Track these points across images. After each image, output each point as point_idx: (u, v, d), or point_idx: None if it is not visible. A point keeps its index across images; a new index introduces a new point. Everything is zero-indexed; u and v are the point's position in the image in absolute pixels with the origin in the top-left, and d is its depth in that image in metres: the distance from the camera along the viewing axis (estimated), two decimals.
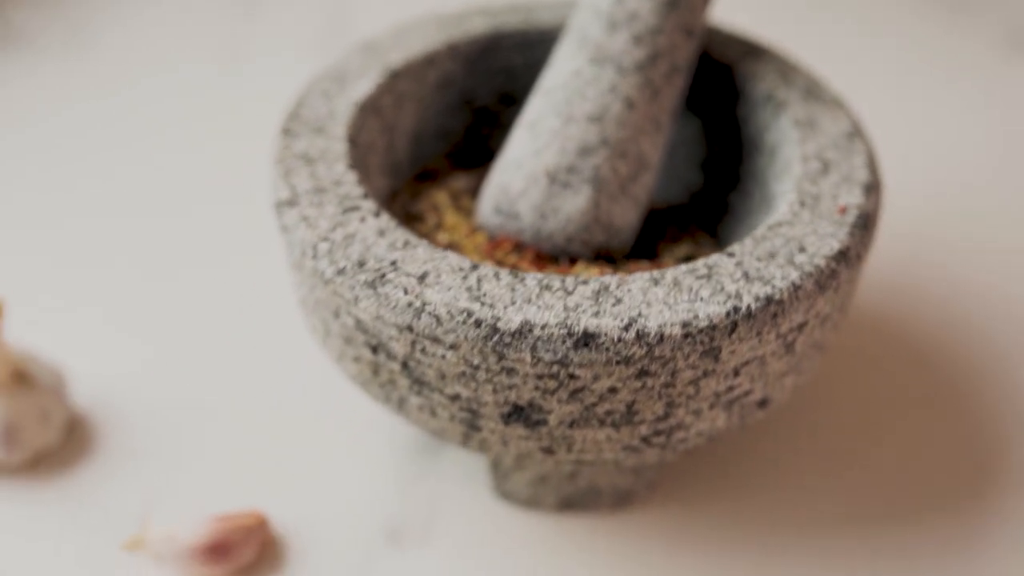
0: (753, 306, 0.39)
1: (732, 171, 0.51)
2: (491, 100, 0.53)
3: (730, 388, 0.41)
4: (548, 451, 0.42)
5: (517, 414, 0.40)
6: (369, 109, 0.48)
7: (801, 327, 0.41)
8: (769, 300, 0.39)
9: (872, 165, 0.45)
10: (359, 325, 0.41)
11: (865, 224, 0.43)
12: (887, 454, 0.50)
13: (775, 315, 0.39)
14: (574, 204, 0.45)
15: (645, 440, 0.41)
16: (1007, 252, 0.60)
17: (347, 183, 0.43)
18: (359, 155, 0.46)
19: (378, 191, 0.47)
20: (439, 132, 0.53)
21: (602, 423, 0.40)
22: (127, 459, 0.50)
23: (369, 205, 0.43)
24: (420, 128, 0.52)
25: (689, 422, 0.41)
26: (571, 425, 0.40)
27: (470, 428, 0.41)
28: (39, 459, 0.50)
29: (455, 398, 0.40)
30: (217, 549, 0.45)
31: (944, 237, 0.61)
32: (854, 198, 0.43)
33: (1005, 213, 0.62)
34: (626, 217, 0.46)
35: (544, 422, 0.40)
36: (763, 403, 0.43)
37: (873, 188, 0.44)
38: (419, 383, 0.41)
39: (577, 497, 0.47)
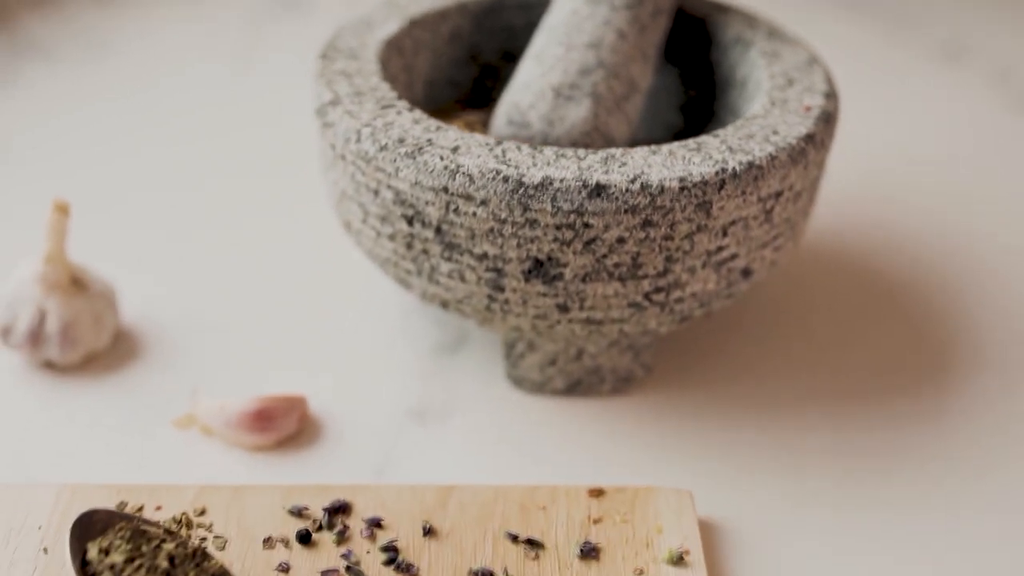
0: (737, 168, 0.46)
1: (708, 109, 0.58)
2: (495, 57, 0.61)
3: (719, 248, 0.47)
4: (563, 309, 0.48)
5: (537, 269, 0.46)
6: (393, 47, 0.55)
7: (778, 195, 0.47)
8: (751, 165, 0.46)
9: (830, 81, 0.53)
10: (397, 197, 0.47)
11: (827, 120, 0.50)
12: (855, 350, 0.57)
13: (756, 178, 0.46)
14: (577, 113, 0.52)
15: (647, 297, 0.47)
16: (935, 207, 0.69)
17: (382, 89, 0.50)
18: (387, 80, 0.53)
19: None
20: (449, 81, 0.60)
21: (611, 276, 0.46)
22: (173, 360, 0.55)
23: (403, 104, 0.49)
24: (434, 76, 0.59)
25: (685, 280, 0.47)
26: (584, 279, 0.47)
27: (494, 289, 0.47)
28: (91, 359, 0.55)
29: (482, 258, 0.46)
30: (262, 417, 0.50)
31: (890, 197, 0.70)
32: (816, 101, 0.51)
33: (934, 181, 0.72)
34: (620, 130, 0.53)
35: (560, 276, 0.46)
36: (746, 272, 0.49)
37: (832, 95, 0.51)
38: (450, 247, 0.47)
39: (582, 379, 0.53)
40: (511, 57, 0.61)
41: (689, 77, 0.59)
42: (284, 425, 0.51)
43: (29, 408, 0.53)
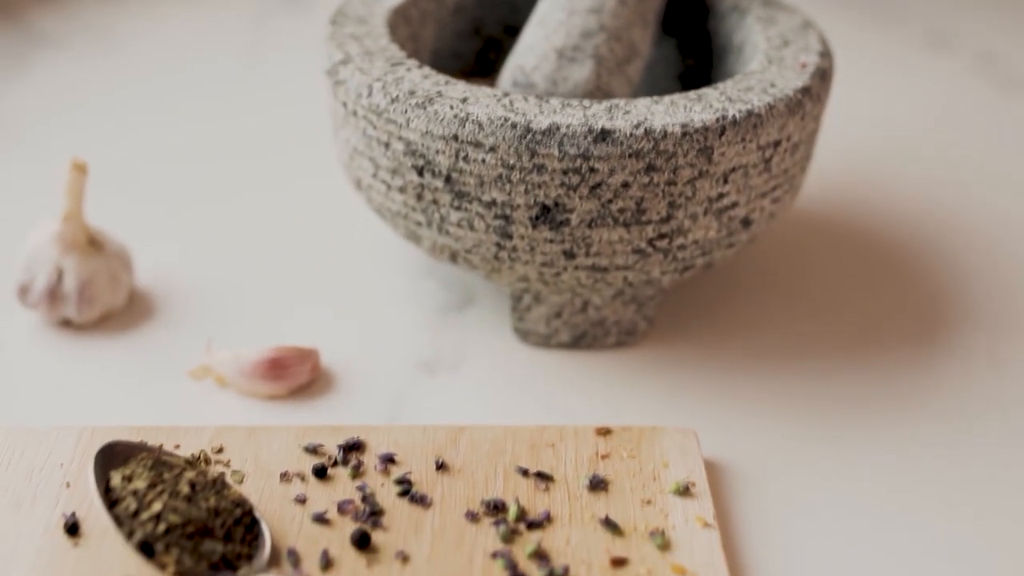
0: (737, 116, 0.47)
1: (706, 78, 0.60)
2: (497, 30, 0.63)
3: (720, 195, 0.49)
4: (569, 255, 0.49)
5: (544, 215, 0.48)
6: (400, 15, 0.57)
7: (776, 145, 0.49)
8: (750, 113, 0.48)
9: (824, 42, 0.54)
10: (408, 147, 0.48)
11: (823, 76, 0.52)
12: (849, 306, 0.59)
13: (755, 126, 0.48)
14: (580, 74, 0.54)
15: (651, 243, 0.49)
16: (924, 178, 0.71)
17: (391, 49, 0.52)
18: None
19: None
20: (454, 53, 0.62)
21: (616, 222, 0.48)
22: (187, 319, 0.56)
23: (412, 62, 0.51)
24: (439, 46, 0.61)
25: (687, 227, 0.49)
26: (590, 224, 0.48)
27: (502, 237, 0.49)
28: (107, 318, 0.56)
29: (491, 205, 0.48)
30: (276, 366, 0.51)
31: (881, 170, 0.72)
32: (812, 58, 0.52)
33: (923, 156, 0.74)
34: (622, 91, 0.55)
35: (567, 222, 0.48)
36: (746, 222, 0.51)
37: (826, 54, 0.53)
38: (460, 196, 0.48)
39: (587, 332, 0.54)
40: (513, 31, 0.63)
41: (687, 47, 0.61)
42: (297, 374, 0.52)
43: (47, 364, 0.54)
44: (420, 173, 0.49)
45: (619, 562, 0.42)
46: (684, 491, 0.45)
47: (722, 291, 0.60)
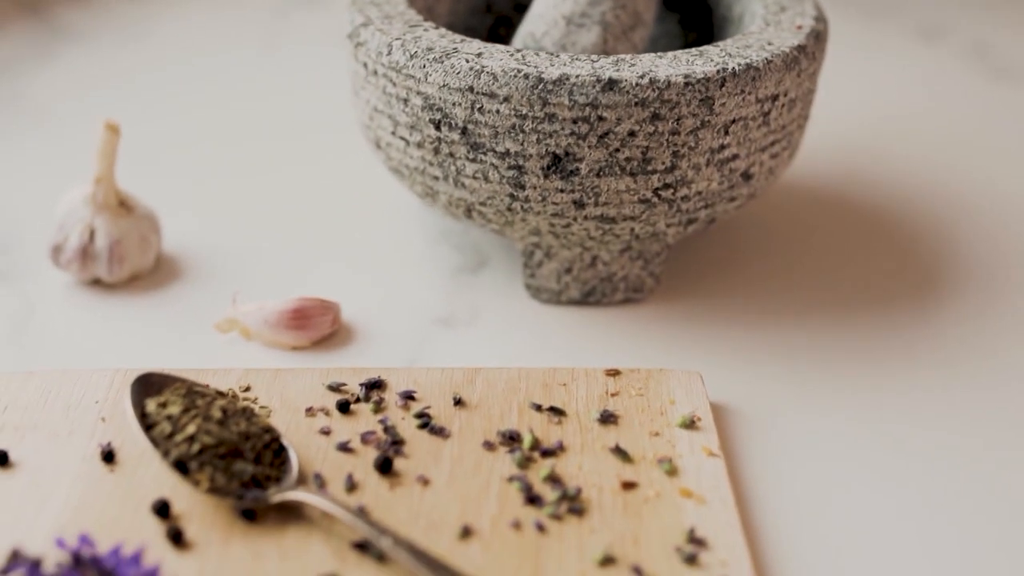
0: (736, 68, 0.50)
1: None
2: (508, 8, 0.65)
3: (722, 147, 0.51)
4: (579, 204, 0.51)
5: (555, 165, 0.50)
6: None
7: (774, 99, 0.52)
8: (749, 66, 0.50)
9: (819, 8, 0.57)
10: (426, 102, 0.51)
11: (817, 37, 0.54)
12: (848, 268, 0.61)
13: (753, 78, 0.50)
14: (588, 39, 0.56)
15: (656, 193, 0.51)
16: (920, 154, 0.74)
17: (409, 14, 0.55)
18: None
19: None
20: (466, 28, 0.64)
21: (623, 171, 0.50)
22: (213, 280, 0.59)
23: (429, 24, 0.54)
24: (452, 21, 0.63)
25: (690, 177, 0.51)
26: (598, 174, 0.50)
27: (516, 187, 0.51)
28: (136, 278, 0.58)
29: (505, 155, 0.50)
30: (299, 316, 0.53)
31: (879, 147, 0.74)
32: (807, 21, 0.55)
33: (918, 135, 0.77)
34: None
35: (577, 171, 0.50)
36: (747, 176, 0.53)
37: (821, 19, 0.56)
38: (475, 147, 0.51)
39: (596, 287, 0.56)
40: (522, 8, 0.65)
41: (688, 21, 0.64)
42: (319, 325, 0.54)
43: (79, 321, 0.56)
44: (437, 127, 0.52)
45: (629, 485, 0.44)
46: (690, 424, 0.48)
47: (726, 254, 0.62)
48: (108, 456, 0.45)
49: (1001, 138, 0.77)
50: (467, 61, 0.50)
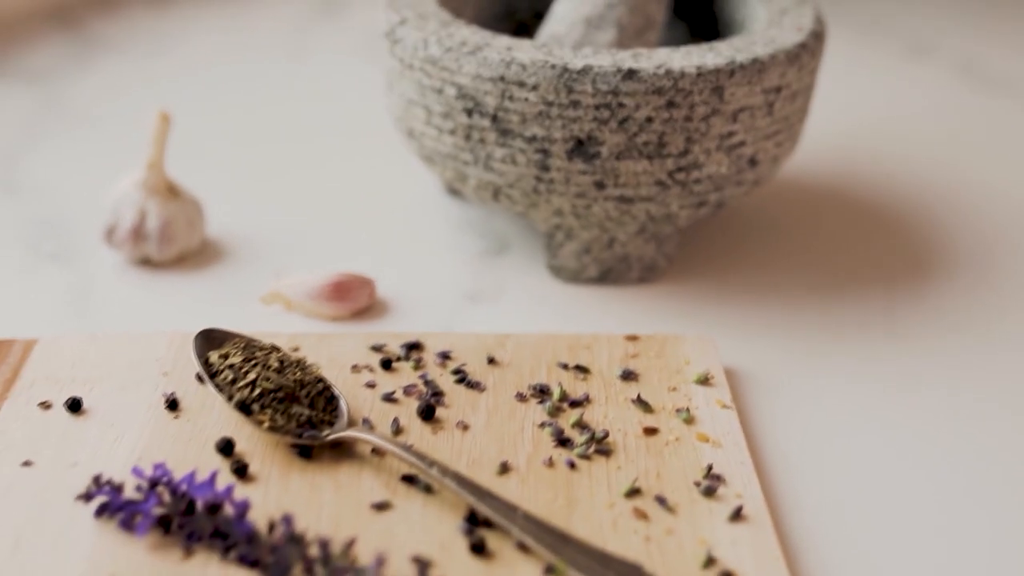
0: (744, 61, 0.55)
1: None
2: (528, 15, 0.70)
3: (730, 133, 0.56)
4: (600, 186, 0.56)
5: (578, 148, 0.55)
6: None
7: (778, 90, 0.56)
8: (755, 60, 0.55)
9: (818, 12, 0.62)
10: (460, 91, 0.55)
11: (817, 37, 0.59)
12: (846, 254, 0.66)
13: (760, 71, 0.55)
14: (604, 38, 0.61)
15: (671, 175, 0.56)
16: (911, 155, 0.79)
17: (442, 13, 0.59)
18: None
19: None
20: None
21: (641, 154, 0.55)
22: (256, 260, 0.63)
23: (461, 22, 0.58)
24: (477, 24, 0.68)
25: (702, 161, 0.56)
26: (618, 156, 0.55)
27: (541, 169, 0.56)
28: (183, 258, 0.63)
29: (532, 140, 0.55)
30: (339, 288, 0.58)
31: (873, 148, 0.79)
32: (807, 23, 0.60)
33: (909, 138, 0.82)
34: None
35: (598, 155, 0.55)
36: (753, 162, 0.58)
37: (820, 21, 0.61)
38: (504, 133, 0.55)
39: (613, 267, 0.61)
40: (540, 16, 0.70)
41: (696, 28, 0.69)
42: (358, 298, 0.58)
43: (132, 296, 0.60)
44: (469, 114, 0.56)
45: (651, 431, 0.49)
46: (704, 380, 0.52)
47: (734, 241, 0.67)
48: (172, 404, 0.49)
49: (985, 140, 0.82)
50: (498, 53, 0.55)
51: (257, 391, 0.47)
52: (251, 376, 0.47)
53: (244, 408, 0.46)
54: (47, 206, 0.69)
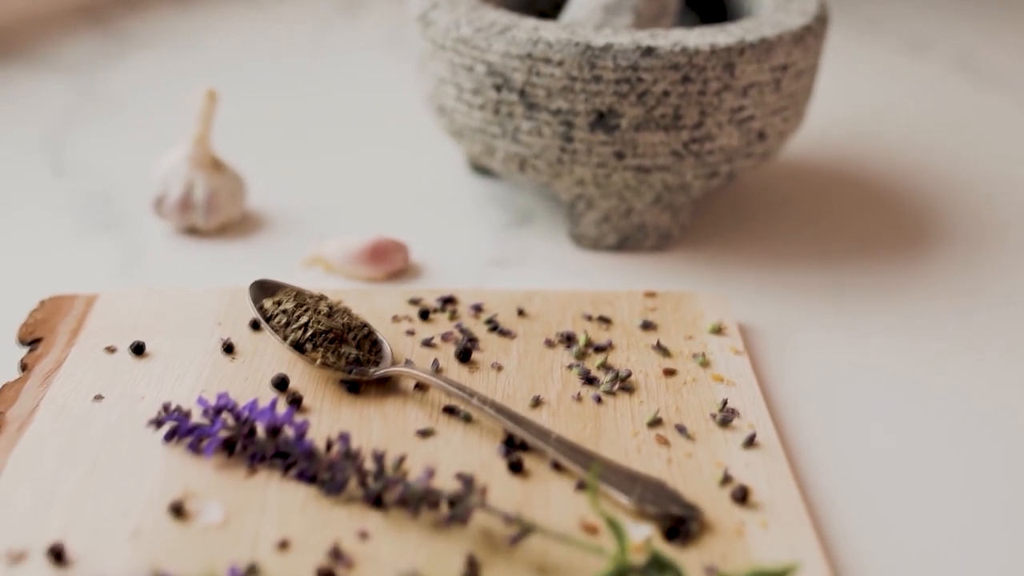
0: (753, 40, 0.59)
1: None
2: (548, 5, 0.75)
3: (741, 108, 0.60)
4: (619, 156, 0.60)
5: (599, 121, 0.59)
6: None
7: (784, 68, 0.61)
8: (763, 39, 0.60)
9: (821, 2, 0.66)
10: (489, 68, 0.60)
11: (821, 20, 0.64)
12: (849, 226, 0.70)
13: (767, 49, 0.59)
14: (622, 22, 0.66)
15: (685, 146, 0.60)
16: (910, 142, 0.84)
17: (472, 0, 0.64)
18: None
19: None
20: None
21: (657, 126, 0.59)
22: (295, 230, 0.67)
23: (489, 5, 0.63)
24: None
25: (714, 133, 0.60)
26: (637, 128, 0.59)
27: (565, 141, 0.60)
28: (226, 228, 0.67)
29: (557, 113, 0.59)
30: (377, 251, 0.62)
31: (874, 133, 0.84)
32: (811, 8, 0.64)
33: (908, 127, 0.87)
34: None
35: (618, 127, 0.59)
36: (761, 135, 0.62)
37: (823, 6, 0.65)
38: (531, 106, 0.60)
39: (630, 235, 0.65)
40: (559, 7, 0.75)
41: (707, 18, 0.73)
42: (394, 260, 0.62)
43: (181, 260, 0.65)
44: (498, 90, 0.60)
45: (670, 372, 0.53)
46: (718, 331, 0.56)
47: (744, 214, 0.71)
48: (228, 348, 0.53)
49: (978, 128, 0.87)
50: (526, 32, 0.59)
51: (309, 332, 0.51)
52: (303, 319, 0.51)
53: (298, 347, 0.50)
54: (94, 183, 0.73)
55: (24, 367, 0.53)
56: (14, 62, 0.92)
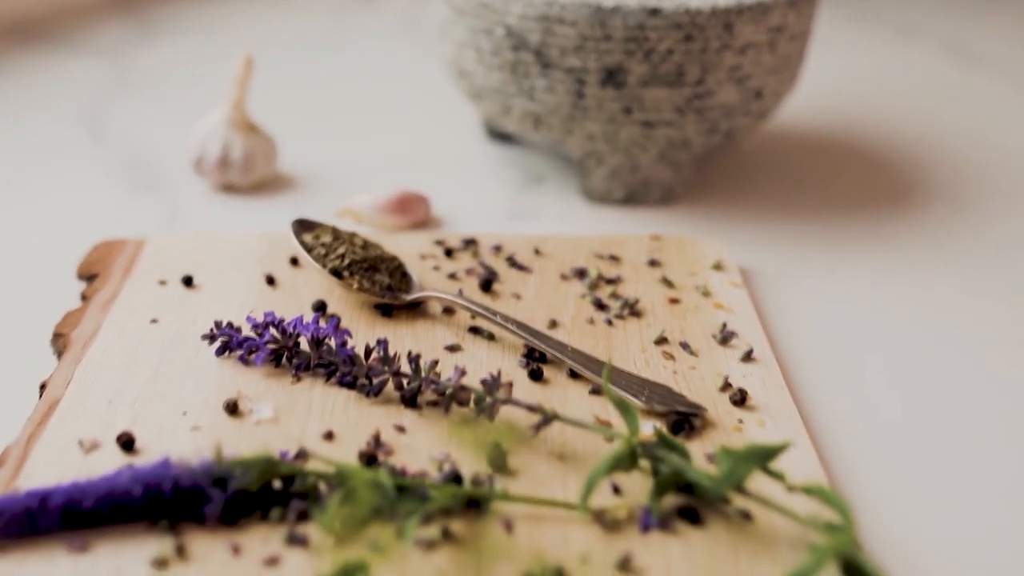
0: (751, 2, 0.64)
1: None
2: None
3: (739, 66, 0.65)
4: (627, 111, 0.65)
5: (609, 78, 0.64)
6: None
7: (779, 29, 0.66)
8: (760, 2, 0.64)
9: None
10: (508, 30, 0.65)
11: None
12: (842, 186, 0.75)
13: (764, 11, 0.64)
14: None
15: (688, 102, 0.65)
16: (899, 115, 0.89)
17: None
18: None
19: None
20: None
21: (662, 83, 0.64)
22: (325, 188, 0.72)
23: None
24: None
25: (715, 91, 0.65)
26: (643, 84, 0.64)
27: (577, 97, 0.65)
28: (261, 185, 0.71)
29: (570, 70, 0.64)
30: (402, 202, 0.67)
31: (865, 112, 0.89)
32: None
33: (897, 102, 0.92)
34: None
35: (626, 83, 0.64)
36: (758, 94, 0.67)
37: None
38: (546, 65, 0.65)
39: (636, 190, 0.70)
40: None
41: None
42: (417, 211, 0.67)
43: (221, 213, 0.69)
44: (516, 51, 0.65)
45: (674, 301, 0.58)
46: (719, 267, 0.61)
47: (743, 175, 0.76)
48: (270, 280, 0.58)
49: (962, 103, 0.92)
50: None
51: (347, 261, 0.56)
52: (340, 251, 0.56)
53: (336, 274, 0.55)
54: (133, 150, 0.78)
55: (84, 298, 0.58)
56: (51, 47, 0.98)
